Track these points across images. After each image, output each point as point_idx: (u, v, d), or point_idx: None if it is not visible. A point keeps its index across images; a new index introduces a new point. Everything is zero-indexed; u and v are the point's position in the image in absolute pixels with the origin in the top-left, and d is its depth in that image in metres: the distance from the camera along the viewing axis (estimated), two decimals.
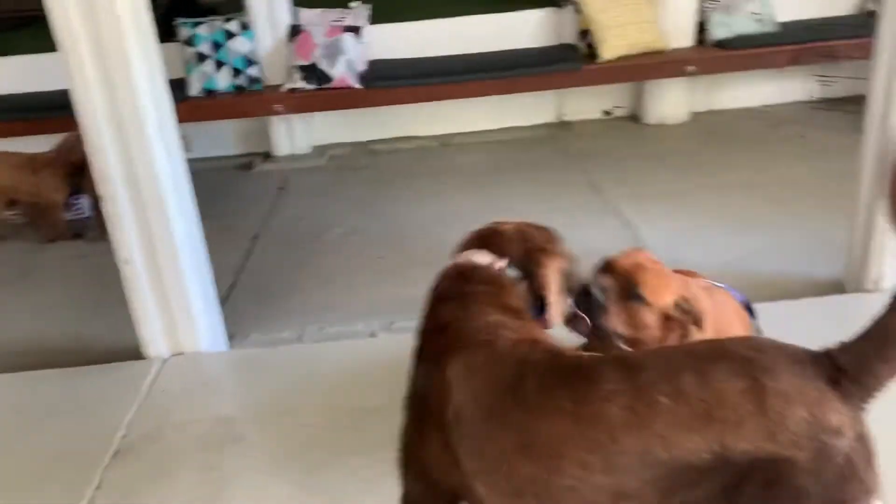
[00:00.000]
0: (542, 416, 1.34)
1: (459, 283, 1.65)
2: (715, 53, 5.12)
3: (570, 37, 5.40)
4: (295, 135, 5.54)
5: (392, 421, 1.68)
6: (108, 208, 2.72)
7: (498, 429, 1.38)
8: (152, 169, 2.67)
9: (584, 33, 5.24)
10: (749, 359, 1.26)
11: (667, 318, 1.90)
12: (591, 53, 5.13)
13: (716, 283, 2.22)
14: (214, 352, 3.00)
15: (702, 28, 5.27)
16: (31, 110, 4.91)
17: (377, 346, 3.03)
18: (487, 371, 1.44)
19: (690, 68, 5.02)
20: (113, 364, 2.94)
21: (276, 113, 5.13)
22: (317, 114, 5.43)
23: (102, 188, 2.70)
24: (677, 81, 5.31)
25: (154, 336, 2.91)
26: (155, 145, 2.65)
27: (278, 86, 5.16)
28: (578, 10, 5.21)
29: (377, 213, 4.42)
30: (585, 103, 5.64)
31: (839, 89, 5.35)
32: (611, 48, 5.00)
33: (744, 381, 1.23)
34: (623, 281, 1.90)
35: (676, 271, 2.05)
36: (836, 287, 3.10)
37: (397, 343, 2.61)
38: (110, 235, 2.77)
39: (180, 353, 2.95)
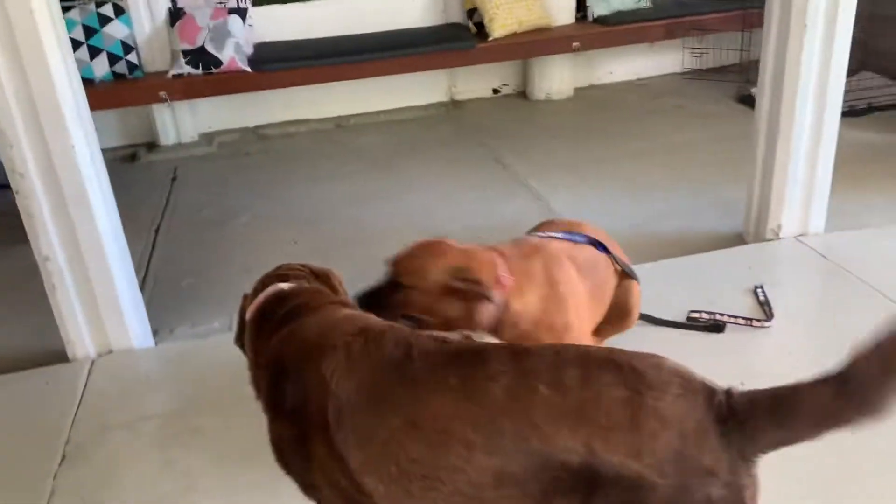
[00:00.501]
0: (429, 393, 1.31)
1: (284, 301, 1.62)
2: (596, 29, 5.38)
3: (456, 16, 5.50)
4: (180, 123, 5.32)
5: None
6: (22, 204, 2.54)
7: (384, 410, 1.34)
8: (72, 159, 2.51)
9: (472, 12, 5.35)
10: (640, 373, 1.22)
11: (452, 293, 1.87)
12: (480, 32, 5.25)
13: (555, 235, 2.22)
14: (145, 348, 2.88)
15: (581, 5, 5.51)
16: None
17: None
18: (370, 355, 1.40)
19: (576, 44, 5.24)
20: (36, 369, 2.75)
21: (162, 100, 4.90)
22: (202, 100, 5.22)
23: (16, 183, 2.51)
24: (561, 58, 5.52)
25: (80, 336, 2.75)
26: (74, 134, 2.50)
27: (162, 72, 4.93)
28: None
29: (280, 199, 4.34)
30: (475, 82, 5.76)
31: (708, 60, 5.76)
32: (501, 26, 5.13)
33: (625, 391, 1.19)
34: (392, 273, 1.93)
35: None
36: (737, 239, 3.38)
37: None
38: (28, 233, 2.59)
39: (109, 352, 2.80)
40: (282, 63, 4.92)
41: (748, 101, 5.12)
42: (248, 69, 4.89)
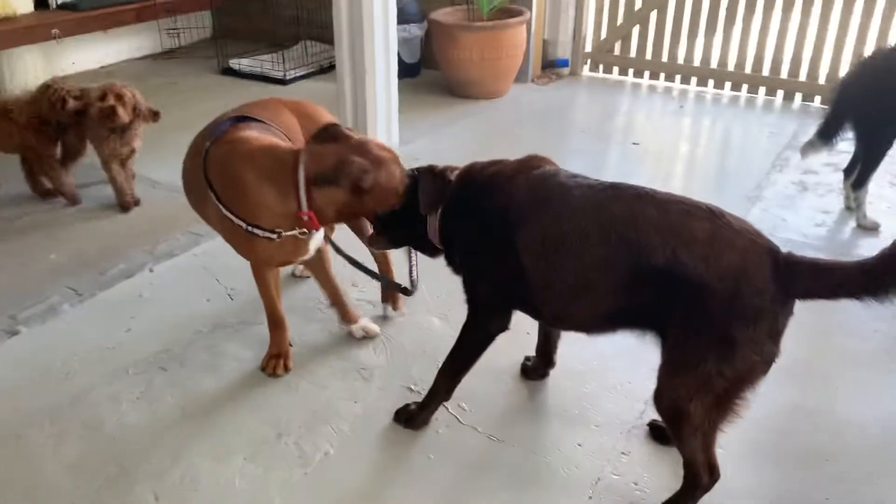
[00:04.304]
0: (575, 202, 1.85)
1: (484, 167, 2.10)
2: (64, 16, 5.14)
3: None
4: None
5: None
6: None
7: (543, 207, 1.86)
8: None
9: None
10: (726, 219, 1.72)
11: None
12: None
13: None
14: None
15: None
16: None
17: (31, 340, 2.73)
18: (545, 178, 1.96)
19: (55, 31, 4.97)
20: None
21: None
22: None
23: None
24: (28, 49, 5.16)
25: None
26: None
27: None
28: None
29: None
30: None
31: (184, 38, 6.06)
32: None
33: (710, 224, 1.69)
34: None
35: None
36: None
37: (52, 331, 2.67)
38: None
39: None
40: None
41: (231, 73, 5.69)
42: None
